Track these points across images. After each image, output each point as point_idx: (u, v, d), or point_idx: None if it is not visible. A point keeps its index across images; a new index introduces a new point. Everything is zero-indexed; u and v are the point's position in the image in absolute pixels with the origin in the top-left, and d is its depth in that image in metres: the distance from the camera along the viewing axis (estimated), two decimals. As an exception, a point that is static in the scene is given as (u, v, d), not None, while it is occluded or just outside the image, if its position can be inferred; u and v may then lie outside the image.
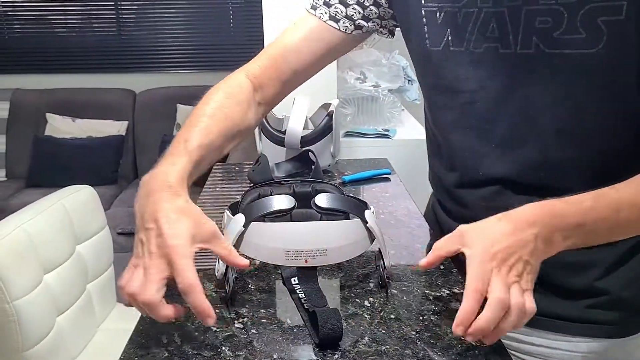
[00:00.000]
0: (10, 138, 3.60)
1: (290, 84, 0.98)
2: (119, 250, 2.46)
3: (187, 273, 0.66)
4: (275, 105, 1.02)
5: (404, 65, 2.03)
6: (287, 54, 0.95)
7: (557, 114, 0.77)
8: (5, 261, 1.22)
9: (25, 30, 3.80)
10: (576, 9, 0.70)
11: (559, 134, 0.78)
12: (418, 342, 0.70)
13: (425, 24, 0.84)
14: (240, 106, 0.91)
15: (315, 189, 0.91)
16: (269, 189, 0.91)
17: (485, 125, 0.83)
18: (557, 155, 0.79)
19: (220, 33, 3.78)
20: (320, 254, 0.77)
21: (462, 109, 0.85)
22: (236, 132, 0.90)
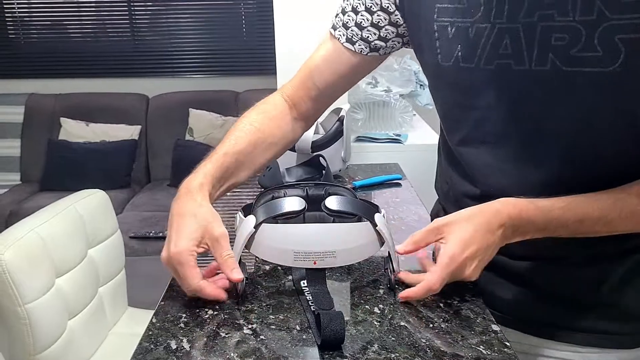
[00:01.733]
0: (25, 142, 3.63)
1: (321, 100, 1.02)
2: (130, 254, 2.48)
3: (189, 280, 0.77)
4: (314, 119, 1.07)
5: (416, 70, 2.02)
6: (312, 73, 1.00)
7: (570, 132, 0.75)
8: (17, 264, 1.22)
9: (41, 35, 3.84)
10: (594, 27, 0.68)
11: (572, 152, 0.76)
12: (428, 350, 0.69)
13: (437, 38, 0.82)
14: (273, 121, 0.98)
15: (328, 192, 0.91)
16: (282, 192, 0.91)
17: (498, 142, 0.82)
18: (570, 173, 0.77)
19: (233, 38, 3.80)
20: (329, 256, 0.78)
21: (475, 124, 0.84)
22: (269, 143, 0.96)
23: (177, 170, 3.47)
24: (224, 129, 3.48)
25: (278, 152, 1.01)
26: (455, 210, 0.90)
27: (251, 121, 0.97)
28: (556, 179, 0.78)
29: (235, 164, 0.91)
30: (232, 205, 1.27)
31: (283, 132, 1.00)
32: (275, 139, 0.98)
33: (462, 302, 0.80)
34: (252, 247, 0.80)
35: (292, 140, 1.04)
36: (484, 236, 0.74)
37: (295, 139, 1.05)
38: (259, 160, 0.96)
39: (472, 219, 0.76)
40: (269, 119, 0.98)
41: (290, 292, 0.83)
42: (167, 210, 1.31)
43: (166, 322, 0.77)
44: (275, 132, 0.98)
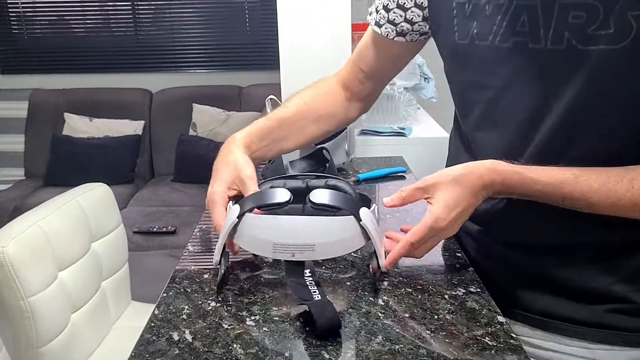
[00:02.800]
0: (29, 137, 3.63)
1: (371, 82, 1.05)
2: (134, 249, 2.48)
3: (214, 216, 0.86)
4: (372, 100, 1.10)
5: (420, 63, 2.01)
6: (358, 57, 1.04)
7: (581, 112, 0.74)
8: (20, 258, 1.22)
9: (44, 31, 3.84)
10: (612, 4, 0.67)
11: (583, 131, 0.75)
12: (433, 342, 0.69)
13: (455, 16, 0.83)
14: (323, 97, 1.04)
15: (327, 184, 0.90)
16: (282, 182, 0.90)
17: (509, 124, 0.81)
18: (580, 152, 0.76)
19: (236, 33, 3.78)
20: (307, 249, 0.77)
21: (488, 106, 0.83)
22: (319, 116, 1.02)
23: (180, 166, 3.46)
24: (228, 124, 3.48)
25: (330, 128, 1.05)
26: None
27: (301, 95, 1.03)
28: (565, 160, 0.76)
29: (279, 128, 0.98)
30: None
31: (334, 108, 1.05)
32: (325, 112, 1.03)
33: (467, 293, 0.79)
34: (236, 236, 0.80)
35: (345, 118, 1.07)
36: (468, 199, 0.76)
37: (350, 118, 1.08)
38: (307, 130, 1.01)
39: (459, 181, 0.76)
40: (320, 95, 1.04)
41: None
42: (171, 205, 1.31)
43: (168, 313, 0.76)
44: (325, 107, 1.03)
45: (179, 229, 2.83)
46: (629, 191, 0.71)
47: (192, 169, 3.40)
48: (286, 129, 0.99)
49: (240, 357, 0.67)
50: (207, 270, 0.88)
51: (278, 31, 1.78)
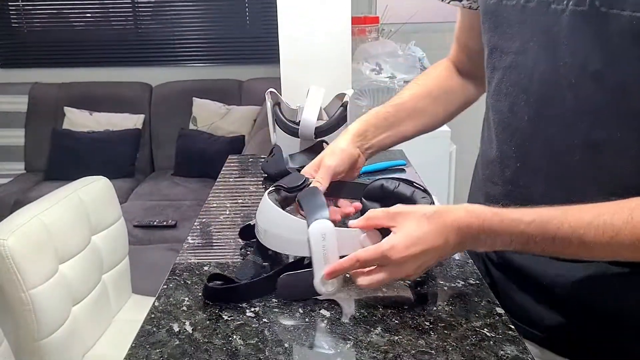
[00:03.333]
0: (29, 131, 3.63)
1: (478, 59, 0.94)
2: (135, 243, 2.48)
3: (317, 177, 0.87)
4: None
5: (420, 57, 2.01)
6: (458, 33, 1.03)
7: (599, 89, 0.67)
8: (21, 251, 1.22)
9: (44, 24, 3.83)
10: None
11: (600, 110, 0.68)
12: (432, 333, 0.69)
13: None
14: (435, 78, 1.03)
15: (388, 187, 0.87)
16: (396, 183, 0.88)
17: (519, 94, 0.76)
18: (596, 136, 0.69)
19: (236, 26, 3.77)
20: (262, 232, 0.80)
21: (504, 72, 0.79)
22: (435, 96, 1.00)
23: (181, 160, 3.46)
24: (228, 118, 3.48)
25: (451, 107, 1.02)
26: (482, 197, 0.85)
27: (415, 80, 1.03)
28: (580, 140, 0.70)
29: (395, 113, 0.97)
30: (233, 194, 1.27)
31: (449, 86, 1.02)
32: (440, 91, 1.01)
33: (466, 285, 0.80)
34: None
35: (464, 97, 1.03)
36: (434, 239, 0.69)
37: (467, 97, 1.04)
38: (428, 112, 1.00)
39: (431, 218, 0.70)
40: (432, 77, 1.03)
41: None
42: (171, 199, 1.31)
43: (169, 305, 0.77)
44: (440, 85, 1.01)
45: (180, 222, 2.83)
46: (628, 223, 0.62)
47: (192, 163, 3.40)
48: (403, 114, 0.97)
49: (240, 347, 0.67)
50: (207, 263, 0.89)
51: (278, 25, 1.78)
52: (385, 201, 0.86)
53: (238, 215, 1.10)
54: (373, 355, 0.65)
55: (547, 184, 0.76)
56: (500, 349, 0.66)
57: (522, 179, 0.79)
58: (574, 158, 0.72)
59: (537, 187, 0.77)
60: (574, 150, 0.71)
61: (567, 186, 0.74)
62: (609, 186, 0.70)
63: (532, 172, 0.78)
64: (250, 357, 0.65)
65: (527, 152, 0.78)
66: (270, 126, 1.42)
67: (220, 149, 3.24)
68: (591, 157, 0.70)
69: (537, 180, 0.77)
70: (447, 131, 1.92)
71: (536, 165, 0.77)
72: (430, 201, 0.80)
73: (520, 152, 0.78)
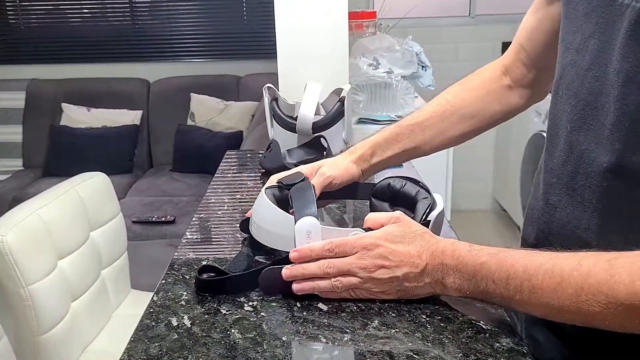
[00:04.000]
0: (27, 128, 3.63)
1: (534, 65, 0.91)
2: (133, 239, 2.49)
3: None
4: (539, 88, 0.94)
5: (418, 51, 2.01)
6: (520, 34, 0.92)
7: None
8: (20, 247, 1.23)
9: (41, 20, 3.82)
10: None
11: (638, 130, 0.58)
12: (428, 326, 0.69)
13: None
14: (470, 92, 0.95)
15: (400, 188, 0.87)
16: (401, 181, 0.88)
17: (568, 99, 0.68)
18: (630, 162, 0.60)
19: (234, 22, 3.77)
20: (253, 224, 0.81)
21: (562, 72, 0.71)
22: (461, 115, 0.93)
23: (179, 155, 3.46)
24: (226, 114, 3.48)
25: (480, 125, 0.95)
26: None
27: (445, 93, 0.96)
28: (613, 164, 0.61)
29: (409, 133, 0.93)
30: (231, 189, 1.27)
31: (484, 104, 0.94)
32: (470, 110, 0.94)
33: (463, 279, 0.80)
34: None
35: (502, 110, 0.95)
36: (409, 250, 0.69)
37: (512, 108, 0.95)
38: (448, 133, 0.94)
39: (418, 234, 0.70)
40: (466, 90, 0.95)
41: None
42: (170, 195, 1.30)
43: (167, 299, 0.77)
44: (472, 102, 0.94)
45: (178, 218, 2.84)
46: (575, 270, 0.56)
47: (190, 159, 3.40)
48: (419, 135, 0.92)
49: (238, 341, 0.68)
50: (206, 258, 0.89)
51: (275, 20, 1.78)
52: (393, 200, 0.87)
53: (236, 210, 1.10)
54: (370, 348, 0.66)
55: (576, 208, 0.67)
56: (496, 341, 0.66)
57: (552, 197, 0.72)
58: (605, 184, 0.62)
59: (566, 209, 0.69)
60: (606, 174, 0.62)
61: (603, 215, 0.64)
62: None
63: (565, 192, 0.69)
64: (248, 350, 0.66)
65: (563, 167, 0.69)
66: (267, 122, 1.42)
67: (218, 144, 3.24)
68: (623, 187, 0.61)
69: (567, 202, 0.68)
70: (444, 126, 1.92)
71: (569, 184, 0.68)
72: (430, 201, 0.80)
73: (556, 165, 0.71)
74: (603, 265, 0.54)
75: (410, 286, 0.70)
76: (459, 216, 3.44)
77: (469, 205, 3.67)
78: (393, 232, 0.71)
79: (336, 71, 1.73)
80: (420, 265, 0.68)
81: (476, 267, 0.64)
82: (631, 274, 0.51)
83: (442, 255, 0.67)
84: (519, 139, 3.08)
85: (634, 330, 0.53)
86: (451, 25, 3.53)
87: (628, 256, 0.53)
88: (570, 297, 0.56)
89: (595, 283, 0.54)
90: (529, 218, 0.80)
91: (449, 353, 0.64)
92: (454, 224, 1.80)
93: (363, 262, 0.70)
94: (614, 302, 0.52)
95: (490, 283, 0.63)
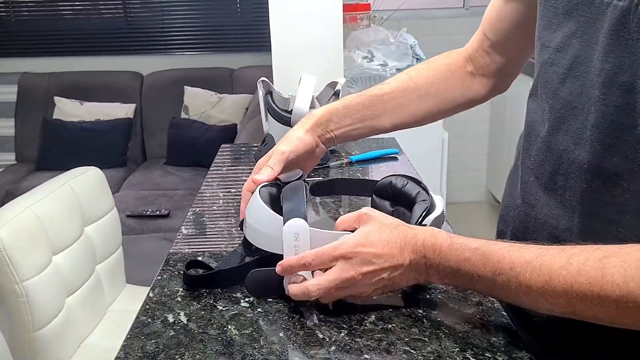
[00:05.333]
0: (19, 122, 3.60)
1: (499, 54, 0.89)
2: (128, 233, 2.48)
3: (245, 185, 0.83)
4: (503, 77, 0.93)
5: (412, 44, 2.00)
6: (485, 21, 0.90)
7: (623, 100, 0.57)
8: (14, 242, 1.22)
9: (32, 13, 3.79)
10: None
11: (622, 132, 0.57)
12: (425, 321, 0.70)
13: None
14: (434, 71, 0.92)
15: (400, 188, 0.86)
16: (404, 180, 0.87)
17: (547, 99, 0.68)
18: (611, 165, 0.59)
19: (227, 14, 3.75)
20: (247, 225, 0.79)
21: (540, 70, 0.70)
22: (423, 93, 0.90)
23: (173, 149, 3.45)
24: (220, 107, 3.46)
25: (443, 107, 0.92)
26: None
27: (408, 71, 0.93)
28: (594, 165, 0.61)
29: (369, 107, 0.88)
30: (225, 183, 1.27)
31: (447, 85, 0.92)
32: (431, 89, 0.91)
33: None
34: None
35: (464, 97, 0.93)
36: (391, 249, 0.66)
37: (473, 97, 0.93)
38: (409, 109, 0.90)
39: (394, 229, 0.68)
40: (431, 70, 0.93)
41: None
42: (164, 188, 1.30)
43: (163, 296, 0.77)
44: (435, 82, 0.91)
45: (173, 212, 2.83)
46: (564, 268, 0.55)
47: (184, 152, 3.39)
48: (379, 107, 0.89)
49: (234, 337, 0.67)
50: (201, 253, 0.89)
51: (269, 12, 1.77)
52: (394, 199, 0.87)
53: (231, 205, 1.10)
54: (367, 343, 0.66)
55: (555, 208, 0.67)
56: (493, 335, 0.67)
57: (529, 196, 0.72)
58: (585, 185, 0.62)
59: (544, 209, 0.69)
60: (586, 175, 0.62)
61: (583, 215, 0.64)
62: (623, 227, 0.60)
63: (544, 191, 0.69)
64: (245, 346, 0.66)
65: (541, 167, 0.69)
66: (262, 115, 1.42)
67: (212, 137, 3.23)
68: (603, 188, 0.60)
69: (546, 201, 0.69)
70: (439, 118, 1.92)
71: (547, 184, 0.68)
72: (428, 204, 0.79)
73: (534, 164, 0.71)
74: (594, 264, 0.53)
75: (397, 282, 0.68)
76: (453, 208, 3.45)
77: (463, 197, 3.68)
78: (368, 234, 0.68)
79: (330, 64, 1.73)
80: (405, 263, 0.66)
81: (460, 263, 0.63)
82: (624, 275, 0.51)
83: (423, 248, 0.66)
84: (513, 130, 3.08)
85: (623, 326, 0.54)
86: (445, 17, 3.52)
87: (619, 255, 0.53)
88: (559, 295, 0.55)
89: (586, 282, 0.53)
90: (504, 216, 0.80)
91: (446, 348, 0.65)
92: (448, 215, 1.81)
93: (347, 274, 0.67)
94: (606, 301, 0.52)
95: (475, 277, 0.62)
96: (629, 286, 0.51)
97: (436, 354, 0.64)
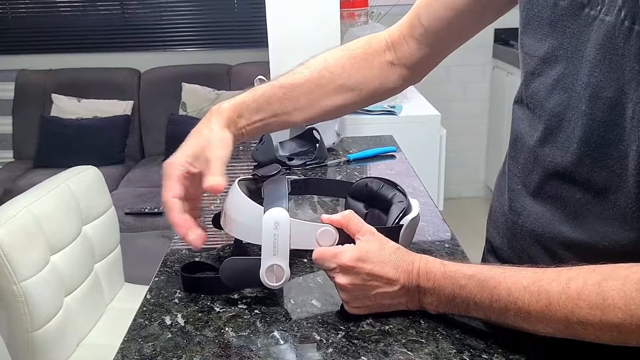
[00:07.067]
0: (17, 119, 3.59)
1: (427, 44, 0.84)
2: (126, 230, 2.47)
3: (164, 192, 0.76)
4: (423, 70, 0.89)
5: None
6: (420, 7, 0.84)
7: (609, 116, 0.56)
8: (12, 242, 1.22)
9: (29, 10, 3.77)
10: None
11: (606, 147, 0.57)
12: (422, 322, 0.70)
13: None
14: (351, 59, 0.86)
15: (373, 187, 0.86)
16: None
17: (534, 109, 0.67)
18: (599, 177, 0.59)
19: (224, 11, 3.74)
20: (224, 216, 0.78)
21: (525, 79, 0.69)
22: (339, 85, 0.84)
23: (171, 146, 3.43)
24: (217, 103, 3.45)
25: (359, 99, 0.87)
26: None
27: (325, 57, 0.86)
28: (583, 178, 0.60)
29: (282, 97, 0.82)
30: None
31: (365, 76, 0.86)
32: (349, 81, 0.85)
33: (456, 273, 0.80)
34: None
35: (383, 88, 0.87)
36: (388, 270, 0.67)
37: (389, 87, 0.88)
38: (324, 103, 0.85)
39: (394, 253, 0.68)
40: (348, 58, 0.86)
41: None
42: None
43: (160, 297, 0.77)
44: (352, 73, 0.85)
45: (171, 209, 2.82)
46: (563, 292, 0.55)
47: (182, 149, 3.39)
48: (293, 100, 0.83)
49: (232, 339, 0.67)
50: (199, 254, 0.89)
51: (266, 8, 1.76)
52: (369, 201, 0.87)
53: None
54: (364, 345, 0.66)
55: (542, 216, 0.66)
56: (490, 337, 0.67)
57: (516, 204, 0.71)
58: (579, 196, 0.61)
59: (530, 217, 0.68)
60: (576, 187, 0.61)
61: (572, 225, 0.63)
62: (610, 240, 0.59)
63: (532, 200, 0.68)
64: (242, 348, 0.66)
65: (529, 176, 0.68)
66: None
67: (210, 134, 3.22)
68: (593, 200, 0.60)
69: (533, 210, 0.68)
70: (437, 115, 1.92)
71: (535, 193, 0.67)
72: (405, 205, 0.80)
73: (521, 173, 0.70)
74: (593, 287, 0.54)
75: (384, 304, 0.69)
76: (451, 203, 3.45)
77: (461, 193, 3.68)
78: (368, 251, 0.67)
79: (328, 61, 1.72)
80: (396, 287, 0.67)
81: (455, 291, 0.63)
82: (625, 298, 0.52)
83: (417, 277, 0.66)
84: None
85: (624, 344, 0.54)
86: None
87: (617, 278, 0.53)
88: (560, 320, 0.56)
89: (586, 307, 0.54)
90: (494, 221, 0.79)
91: (443, 349, 0.65)
92: (445, 211, 1.80)
93: (340, 280, 0.68)
94: (607, 325, 0.53)
95: (471, 305, 0.63)
96: (631, 309, 0.51)
97: (433, 356, 0.64)
